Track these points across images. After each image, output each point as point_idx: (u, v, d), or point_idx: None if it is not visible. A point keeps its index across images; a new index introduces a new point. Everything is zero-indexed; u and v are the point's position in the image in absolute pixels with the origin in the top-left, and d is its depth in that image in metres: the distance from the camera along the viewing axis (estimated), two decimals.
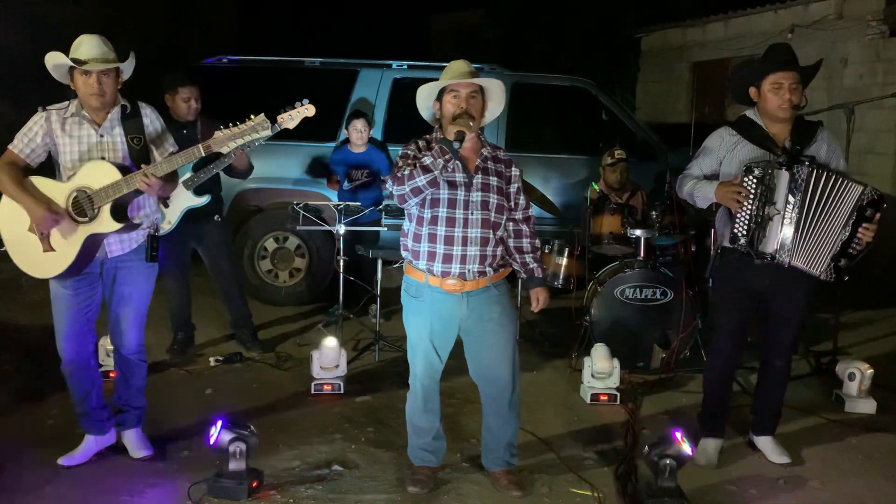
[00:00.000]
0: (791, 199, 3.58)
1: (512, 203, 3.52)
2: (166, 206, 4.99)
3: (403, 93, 6.76)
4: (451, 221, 3.36)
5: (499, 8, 15.42)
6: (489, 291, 3.46)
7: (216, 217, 5.30)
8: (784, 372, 3.95)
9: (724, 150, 3.79)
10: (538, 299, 3.59)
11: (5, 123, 3.62)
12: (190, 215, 5.05)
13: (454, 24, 18.69)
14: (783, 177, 3.57)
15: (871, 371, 4.61)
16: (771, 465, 3.90)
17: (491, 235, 3.40)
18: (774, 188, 3.58)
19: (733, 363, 4.00)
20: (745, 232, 3.64)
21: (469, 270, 3.38)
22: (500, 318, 3.49)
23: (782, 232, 3.61)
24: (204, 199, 5.02)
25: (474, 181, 3.39)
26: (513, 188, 3.52)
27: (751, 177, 3.59)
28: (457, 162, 3.36)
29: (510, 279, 3.63)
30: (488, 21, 15.73)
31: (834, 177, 3.56)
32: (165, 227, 5.03)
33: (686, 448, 3.37)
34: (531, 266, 3.56)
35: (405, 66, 6.94)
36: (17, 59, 8.80)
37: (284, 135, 5.17)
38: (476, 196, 3.38)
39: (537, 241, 3.61)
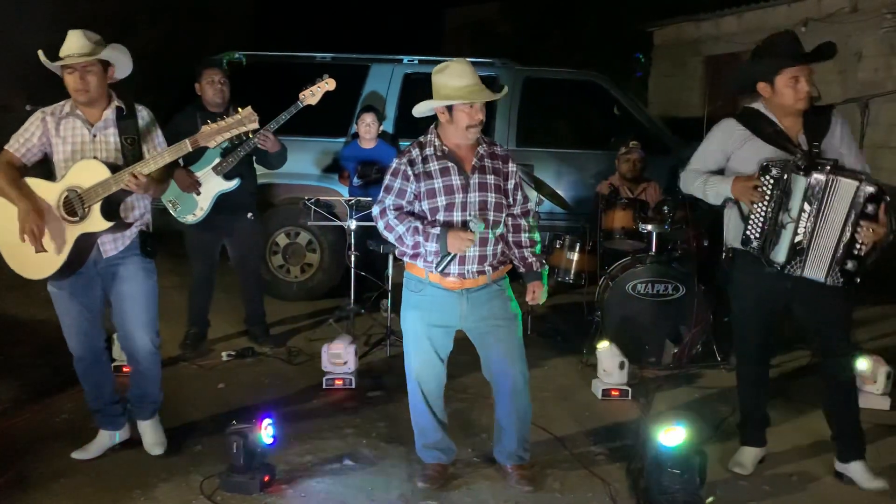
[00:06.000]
0: (807, 207, 3.38)
1: (511, 199, 3.51)
2: (198, 193, 5.04)
3: (415, 88, 6.76)
4: (448, 225, 3.36)
5: (512, 3, 15.41)
6: (489, 287, 3.46)
7: (249, 214, 5.33)
8: (853, 384, 3.68)
9: (731, 145, 3.61)
10: (534, 293, 3.54)
11: (20, 119, 3.62)
12: (223, 208, 5.10)
13: (468, 18, 18.68)
14: (800, 183, 3.37)
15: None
16: (784, 462, 3.87)
17: (490, 235, 3.39)
18: (790, 194, 3.39)
19: (764, 367, 3.83)
20: (757, 235, 3.48)
21: (468, 270, 3.38)
22: (503, 313, 3.49)
23: (795, 241, 3.42)
24: (234, 183, 5.07)
25: (471, 182, 3.38)
26: (510, 184, 3.50)
27: (767, 177, 3.41)
28: (453, 165, 3.37)
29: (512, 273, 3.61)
30: (502, 16, 15.72)
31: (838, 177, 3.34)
32: (198, 215, 5.10)
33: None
34: (529, 260, 3.54)
35: (416, 61, 6.93)
36: (30, 57, 8.83)
37: (296, 130, 5.26)
38: (473, 197, 3.37)
39: (536, 235, 3.57)
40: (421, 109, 3.46)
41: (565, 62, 8.89)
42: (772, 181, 3.41)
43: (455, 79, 3.35)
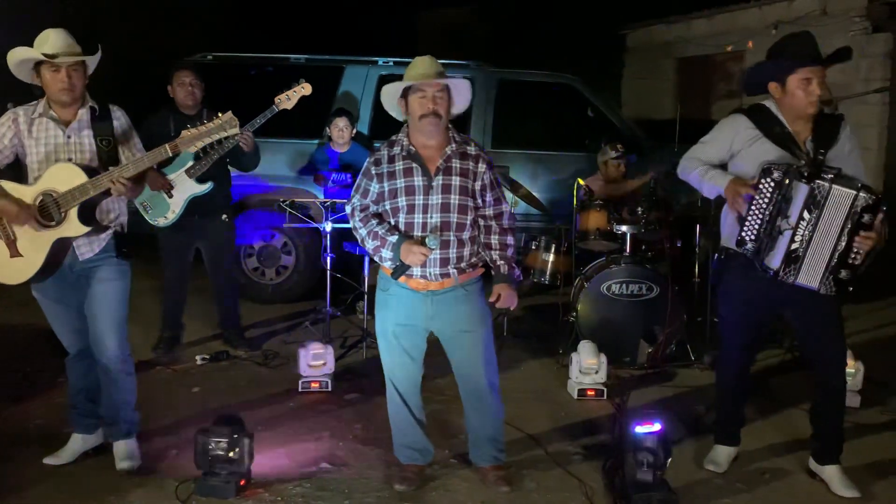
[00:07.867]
0: (806, 215, 3.30)
1: (479, 200, 3.46)
2: (170, 196, 4.99)
3: None
4: (409, 226, 3.36)
5: (486, 5, 15.46)
6: (456, 291, 3.43)
7: (223, 216, 5.30)
8: (843, 390, 3.63)
9: (739, 143, 3.52)
10: (499, 295, 3.49)
11: None
12: (197, 211, 5.06)
13: (441, 21, 18.69)
14: (802, 190, 3.29)
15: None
16: (758, 459, 3.91)
17: (452, 238, 3.36)
18: (791, 200, 3.31)
19: (746, 370, 3.79)
20: (753, 237, 3.39)
21: (430, 273, 3.36)
22: (469, 318, 3.47)
23: (791, 249, 3.34)
24: (207, 187, 5.03)
25: (434, 184, 3.36)
26: (478, 185, 3.43)
27: (769, 179, 3.32)
28: (417, 166, 3.37)
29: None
30: (476, 18, 15.78)
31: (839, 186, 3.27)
32: (170, 217, 5.05)
33: (655, 426, 3.37)
34: (498, 263, 3.48)
35: (391, 63, 6.92)
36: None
37: (271, 132, 5.23)
38: (435, 199, 3.35)
39: (508, 238, 3.49)
40: (386, 103, 3.52)
41: (539, 64, 8.91)
42: (772, 184, 3.33)
43: (413, 69, 3.37)
